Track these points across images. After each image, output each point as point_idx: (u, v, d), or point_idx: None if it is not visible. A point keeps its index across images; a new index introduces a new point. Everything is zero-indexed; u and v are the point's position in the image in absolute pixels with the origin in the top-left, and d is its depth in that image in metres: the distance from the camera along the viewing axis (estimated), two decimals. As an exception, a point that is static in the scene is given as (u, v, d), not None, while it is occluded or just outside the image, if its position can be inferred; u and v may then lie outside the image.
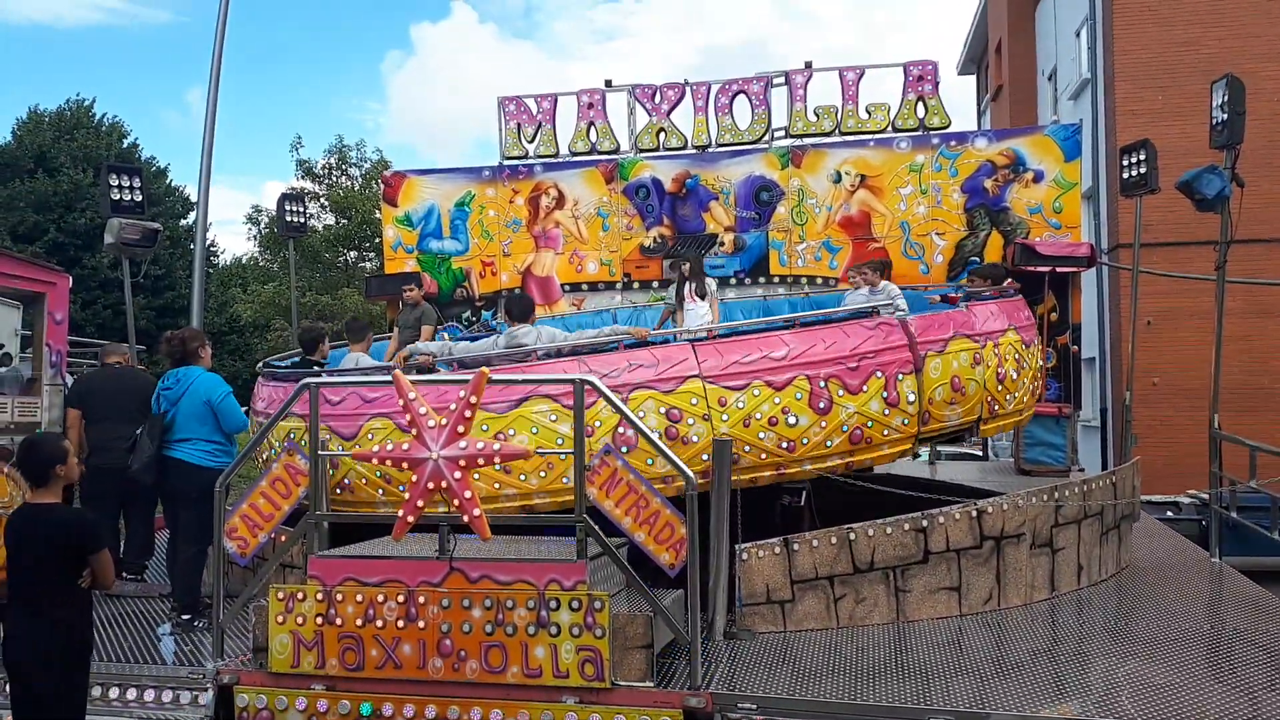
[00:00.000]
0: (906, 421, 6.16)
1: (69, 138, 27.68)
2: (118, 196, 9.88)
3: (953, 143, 10.84)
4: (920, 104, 10.88)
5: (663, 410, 5.76)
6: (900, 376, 6.11)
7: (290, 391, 5.46)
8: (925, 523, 5.86)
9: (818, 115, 11.10)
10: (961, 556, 5.93)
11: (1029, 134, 11.24)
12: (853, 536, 5.74)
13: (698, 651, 4.68)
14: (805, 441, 5.91)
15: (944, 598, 5.89)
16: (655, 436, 5.02)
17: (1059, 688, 4.66)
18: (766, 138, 11.22)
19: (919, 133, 10.89)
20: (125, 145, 29.38)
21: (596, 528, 4.70)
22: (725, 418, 5.79)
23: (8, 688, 4.23)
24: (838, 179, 10.96)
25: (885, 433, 6.10)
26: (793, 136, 11.16)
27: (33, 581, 4.06)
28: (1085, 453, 15.09)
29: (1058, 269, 10.06)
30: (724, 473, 5.41)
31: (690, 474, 4.71)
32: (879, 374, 6.05)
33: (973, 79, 31.33)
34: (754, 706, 4.50)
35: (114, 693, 5.04)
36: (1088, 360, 17.23)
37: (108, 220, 9.87)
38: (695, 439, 5.75)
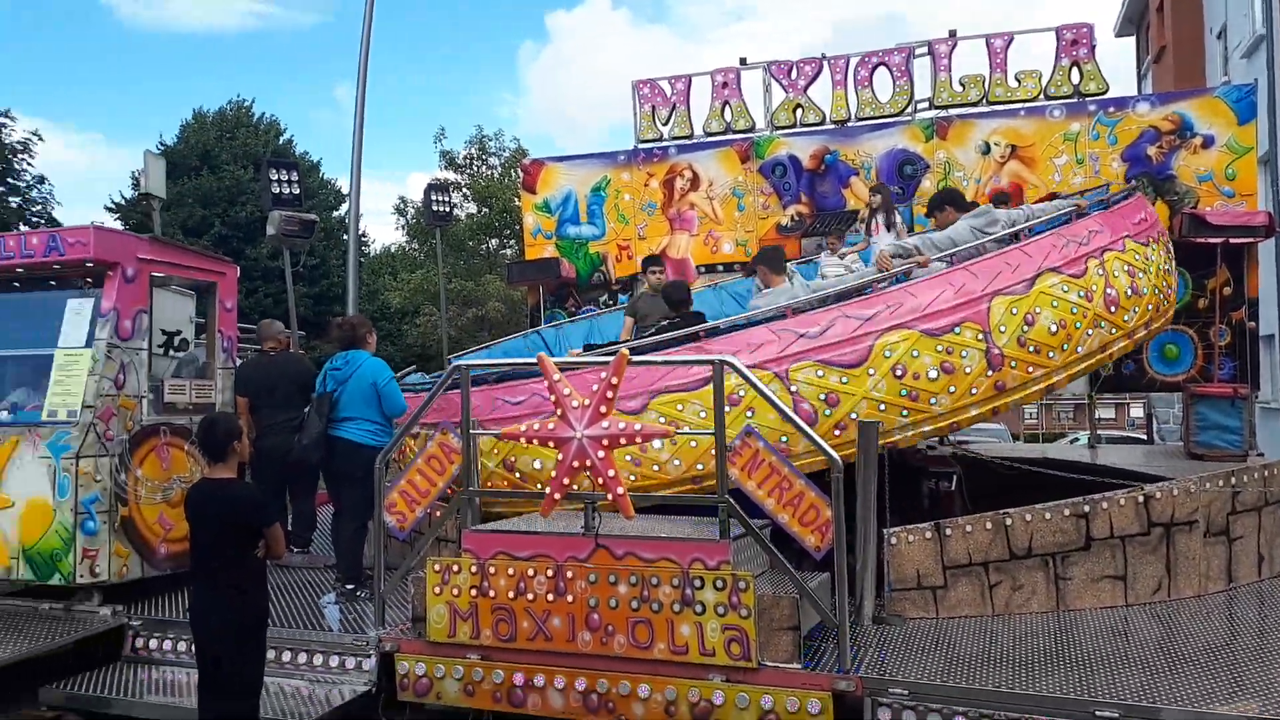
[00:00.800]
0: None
1: (230, 137, 29.38)
2: (278, 190, 10.44)
3: (1111, 109, 10.24)
4: (1074, 69, 10.33)
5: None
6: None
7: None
8: (1087, 508, 5.58)
9: (963, 85, 10.69)
10: (1127, 544, 5.62)
11: (1197, 96, 10.50)
12: (1009, 521, 5.52)
13: (846, 634, 4.61)
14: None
15: (1108, 586, 5.60)
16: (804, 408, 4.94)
17: (1236, 684, 4.35)
18: (909, 110, 10.89)
19: (1074, 99, 10.33)
20: (281, 141, 30.98)
21: (739, 508, 4.68)
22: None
23: (193, 648, 4.56)
24: (986, 150, 10.53)
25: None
26: (937, 108, 10.79)
27: (211, 555, 4.33)
28: (1265, 437, 14.02)
29: (1231, 240, 9.36)
30: (870, 454, 5.29)
31: (836, 458, 4.62)
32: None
33: (1131, 41, 29.49)
34: (906, 692, 4.40)
35: (286, 656, 5.37)
36: (1266, 338, 15.98)
37: (269, 213, 10.44)
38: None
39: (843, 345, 5.71)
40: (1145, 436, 13.57)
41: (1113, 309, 6.30)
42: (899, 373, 5.68)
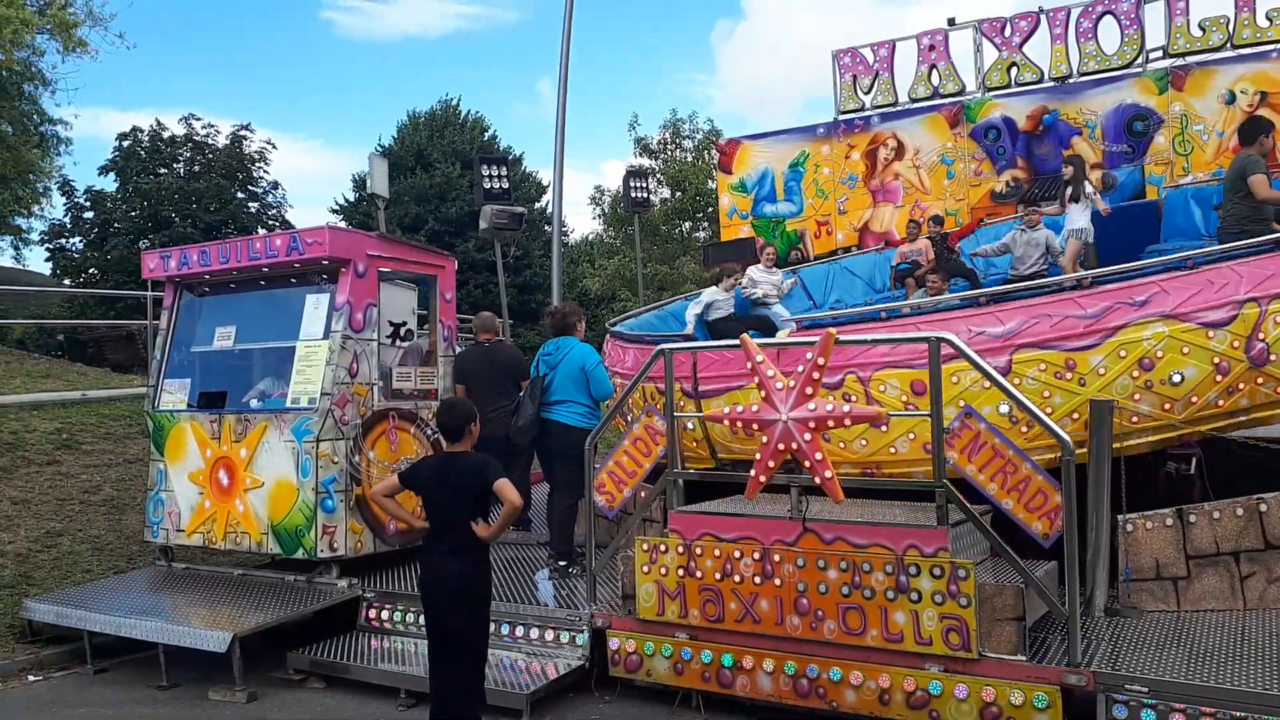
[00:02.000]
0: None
1: (440, 136, 30.98)
2: (488, 185, 10.92)
3: (1388, 41, 9.03)
4: (1339, 0, 9.18)
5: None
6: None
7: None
8: (1360, 494, 4.96)
9: (1204, 29, 9.74)
10: None
11: None
12: (1264, 508, 5.00)
13: (1076, 626, 4.32)
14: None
15: (1387, 583, 4.97)
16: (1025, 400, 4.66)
17: None
18: (1140, 61, 10.03)
19: (1337, 35, 9.19)
20: (486, 138, 32.37)
21: (958, 493, 4.47)
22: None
23: (422, 619, 4.83)
24: (1231, 100, 9.55)
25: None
26: (1172, 56, 9.89)
27: (449, 521, 4.56)
28: None
29: None
30: (1104, 436, 4.92)
31: (1067, 439, 4.32)
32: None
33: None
34: (1144, 689, 4.08)
35: (505, 629, 5.62)
36: None
37: (480, 207, 10.93)
38: None
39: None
40: None
41: None
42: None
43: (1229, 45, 9.66)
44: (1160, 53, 9.99)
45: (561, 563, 6.46)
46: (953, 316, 5.72)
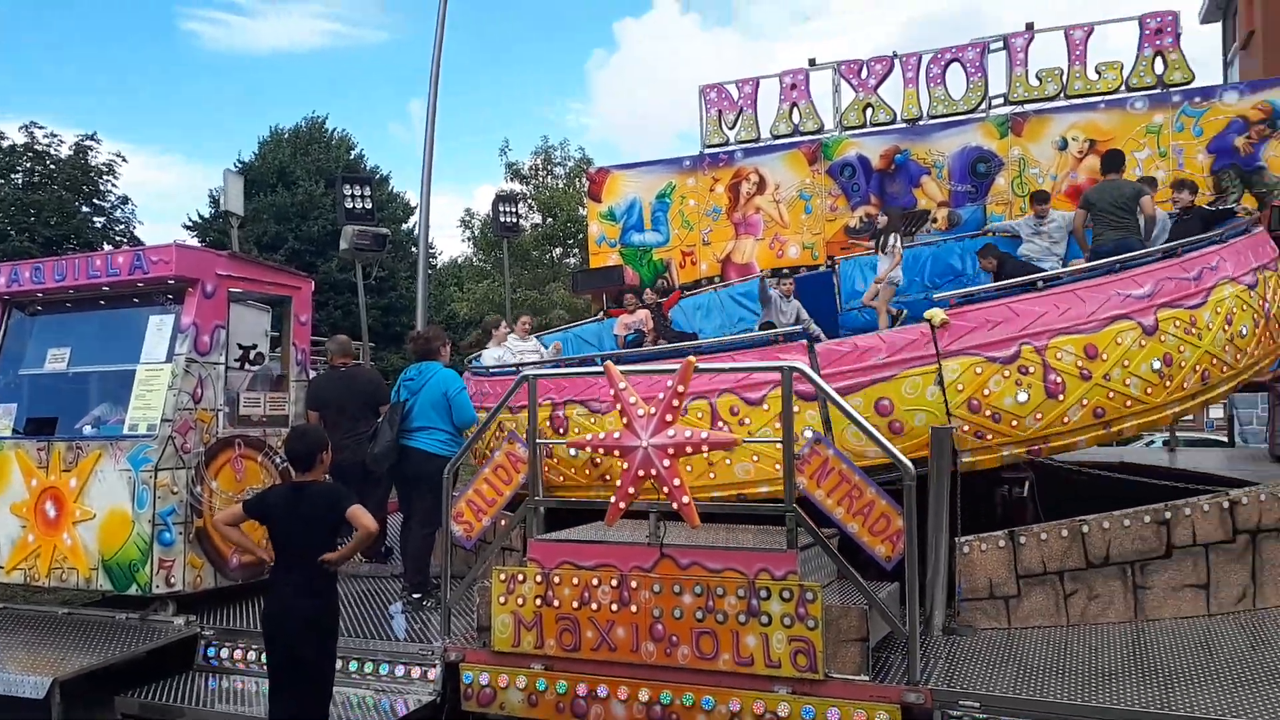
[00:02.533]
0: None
1: (304, 153, 30.16)
2: (351, 205, 10.68)
3: (1197, 99, 9.90)
4: (1158, 59, 10.02)
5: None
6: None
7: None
8: (1169, 514, 5.37)
9: (1040, 79, 10.44)
10: (1211, 551, 5.39)
11: (1287, 83, 10.08)
12: (1086, 529, 5.34)
13: (916, 645, 4.50)
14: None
15: (1189, 596, 5.38)
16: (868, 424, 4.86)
17: (1334, 702, 4.14)
18: (983, 106, 10.67)
19: (1157, 90, 10.01)
20: (352, 157, 31.69)
21: (807, 517, 4.61)
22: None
23: (264, 657, 4.64)
24: (1064, 145, 10.26)
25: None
26: (1012, 103, 10.57)
27: (296, 553, 4.41)
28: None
29: (1323, 233, 8.94)
30: (944, 461, 5.17)
31: (908, 464, 4.51)
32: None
33: (1218, 27, 28.42)
34: (977, 704, 4.28)
35: (352, 665, 5.44)
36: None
37: (342, 227, 10.68)
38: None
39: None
40: (1226, 439, 13.05)
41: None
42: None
43: (1062, 95, 10.39)
44: (1002, 99, 10.66)
45: (416, 595, 6.31)
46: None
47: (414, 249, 20.69)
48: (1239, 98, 9.85)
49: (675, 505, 4.61)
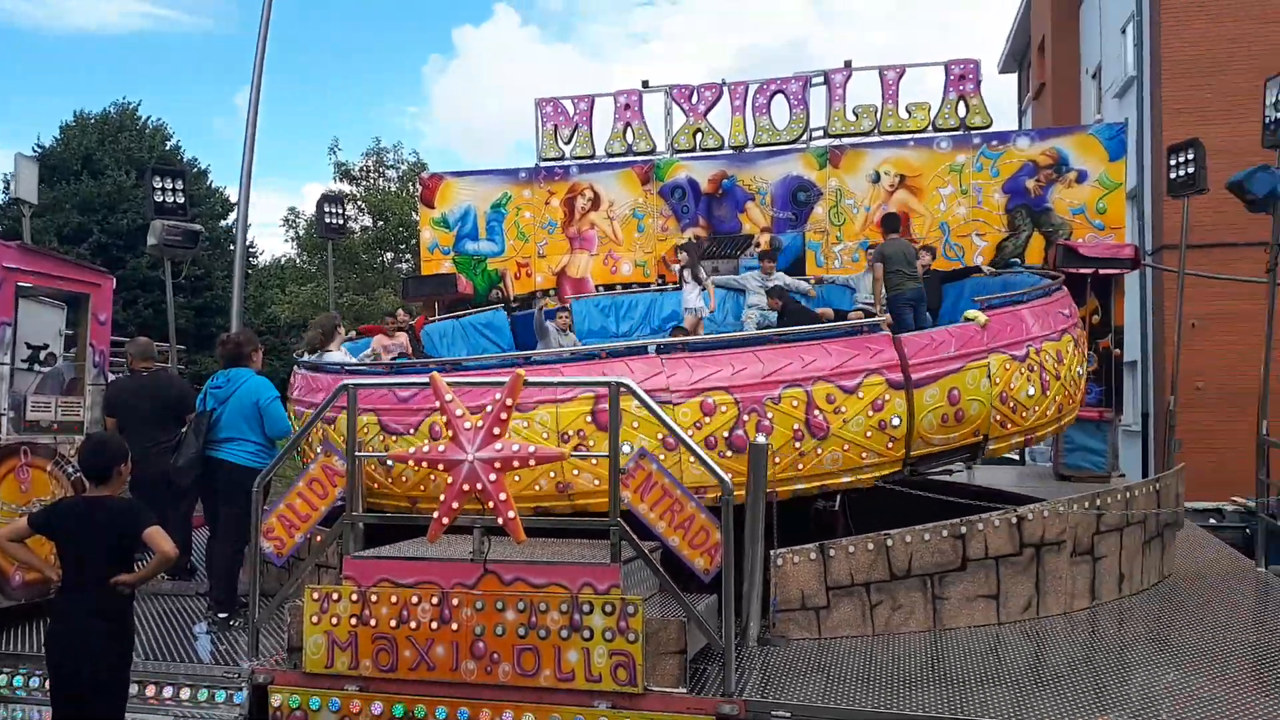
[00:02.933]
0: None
1: (113, 141, 28.16)
2: (161, 199, 10.02)
3: (994, 142, 10.72)
4: (961, 103, 10.77)
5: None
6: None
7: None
8: (964, 529, 5.77)
9: (857, 115, 11.03)
10: (1000, 564, 5.84)
11: (1072, 133, 11.08)
12: (890, 543, 5.67)
13: (731, 658, 4.64)
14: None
15: (982, 606, 5.80)
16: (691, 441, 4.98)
17: (1099, 699, 4.55)
18: (804, 138, 11.17)
19: (960, 132, 10.77)
20: (168, 148, 29.83)
21: (630, 531, 4.68)
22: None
23: (47, 684, 4.30)
24: (876, 179, 10.88)
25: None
26: (831, 136, 11.11)
27: (85, 572, 4.12)
28: (1127, 458, 14.77)
29: (1101, 271, 9.88)
30: (760, 477, 5.36)
31: (727, 479, 4.66)
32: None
33: (1014, 77, 30.88)
34: (788, 714, 4.45)
35: (150, 690, 5.10)
36: (1130, 364, 16.91)
37: (150, 222, 10.02)
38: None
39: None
40: (1018, 457, 14.14)
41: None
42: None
43: (876, 131, 11.02)
44: (821, 132, 11.20)
45: (222, 614, 5.98)
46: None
47: (233, 247, 19.61)
48: (1030, 143, 10.74)
49: (500, 520, 4.58)
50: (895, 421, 6.00)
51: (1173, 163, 10.14)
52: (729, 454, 5.75)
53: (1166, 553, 7.19)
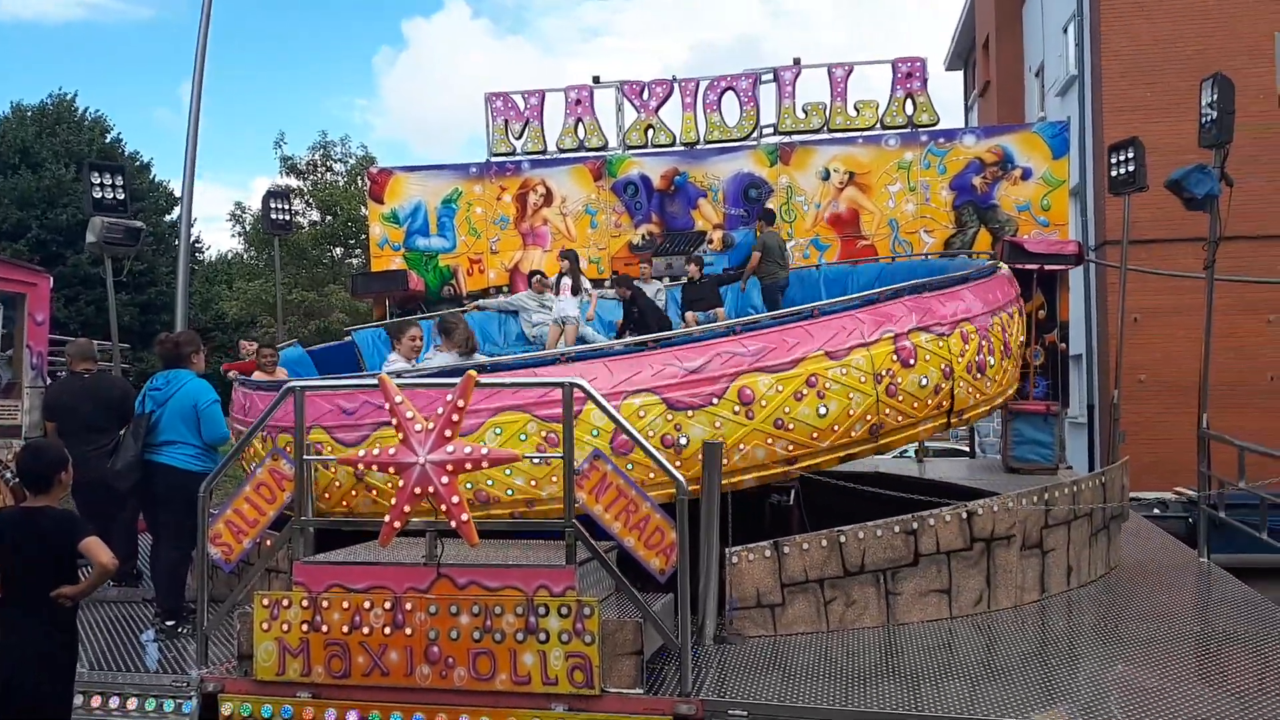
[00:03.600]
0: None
1: (51, 134, 27.42)
2: (100, 195, 9.74)
3: (941, 140, 10.86)
4: (909, 101, 10.89)
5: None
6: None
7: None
8: (915, 525, 5.83)
9: (806, 112, 11.10)
10: (952, 559, 5.91)
11: (1017, 131, 11.27)
12: (843, 539, 5.71)
13: (688, 657, 4.64)
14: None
15: (934, 600, 5.87)
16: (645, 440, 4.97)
17: (1048, 691, 4.64)
18: (755, 135, 11.22)
19: (907, 130, 10.90)
20: (108, 141, 29.11)
21: (585, 533, 4.66)
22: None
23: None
24: (826, 176, 10.96)
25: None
26: (781, 133, 11.18)
27: (27, 584, 4.02)
28: (1073, 450, 15.14)
29: (1046, 266, 10.05)
30: (714, 476, 5.37)
31: (681, 479, 4.66)
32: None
33: (960, 75, 31.35)
34: (744, 713, 4.46)
35: (95, 701, 4.97)
36: (1075, 357, 17.29)
37: (90, 219, 9.75)
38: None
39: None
40: (968, 450, 14.39)
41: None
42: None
43: (825, 129, 11.10)
44: (772, 129, 11.25)
45: (169, 622, 5.85)
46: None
47: (177, 242, 19.17)
48: (975, 141, 10.90)
49: (453, 523, 4.53)
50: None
51: (1113, 161, 10.34)
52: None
53: (1113, 545, 7.36)
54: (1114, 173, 10.32)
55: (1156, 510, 12.54)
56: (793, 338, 5.97)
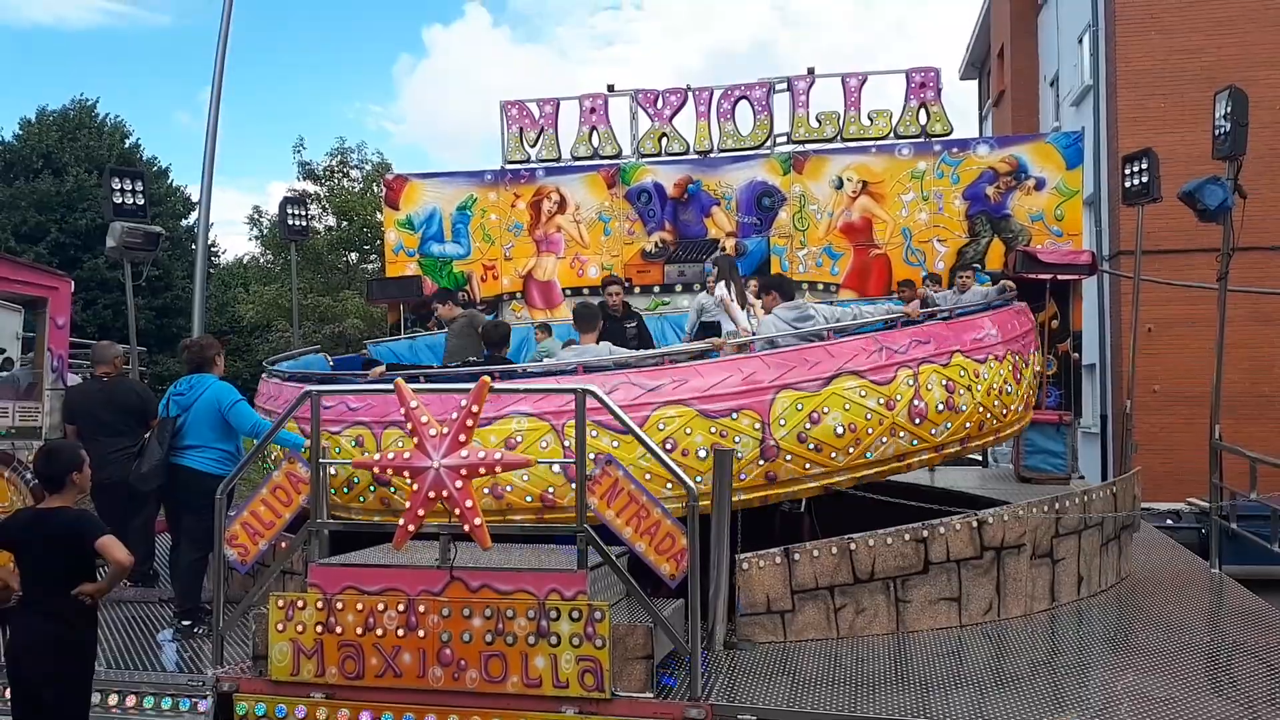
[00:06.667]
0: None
1: (73, 138, 27.68)
2: (120, 200, 9.85)
3: (955, 149, 10.86)
4: (922, 110, 10.90)
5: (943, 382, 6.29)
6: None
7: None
8: (926, 533, 5.86)
9: (820, 121, 11.12)
10: (962, 567, 5.93)
11: (1031, 141, 11.26)
12: (853, 547, 5.74)
13: (698, 662, 4.68)
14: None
15: (944, 608, 5.89)
16: (657, 447, 5.01)
17: (1058, 700, 4.65)
18: (769, 143, 11.24)
19: (921, 139, 10.90)
20: (127, 146, 29.35)
21: (597, 537, 4.70)
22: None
23: (8, 693, 4.25)
24: (839, 185, 10.98)
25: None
26: (795, 142, 11.19)
27: (42, 583, 4.09)
28: (1085, 460, 15.06)
29: (1059, 276, 10.05)
30: (724, 482, 5.41)
31: (693, 486, 4.71)
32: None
33: (974, 84, 31.30)
34: (753, 718, 4.50)
35: (113, 699, 5.05)
36: (1088, 367, 17.23)
37: (109, 224, 9.86)
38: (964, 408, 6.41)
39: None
40: (980, 459, 14.33)
41: (918, 421, 6.15)
42: (668, 446, 5.56)
43: (839, 138, 11.12)
44: (785, 138, 11.27)
45: (186, 622, 5.92)
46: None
47: (195, 246, 19.29)
48: (989, 151, 10.90)
49: (466, 527, 4.58)
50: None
51: (1127, 171, 10.34)
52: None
53: (1124, 554, 7.36)
54: (1128, 183, 10.32)
55: (1169, 521, 12.47)
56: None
